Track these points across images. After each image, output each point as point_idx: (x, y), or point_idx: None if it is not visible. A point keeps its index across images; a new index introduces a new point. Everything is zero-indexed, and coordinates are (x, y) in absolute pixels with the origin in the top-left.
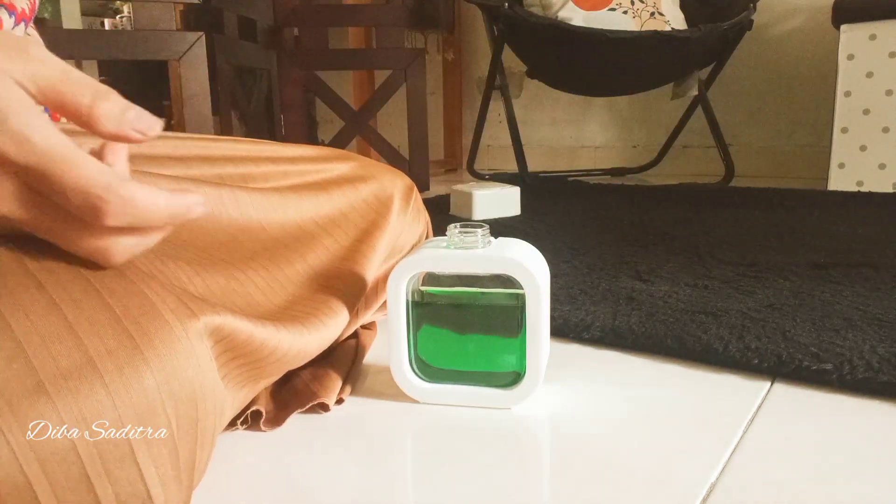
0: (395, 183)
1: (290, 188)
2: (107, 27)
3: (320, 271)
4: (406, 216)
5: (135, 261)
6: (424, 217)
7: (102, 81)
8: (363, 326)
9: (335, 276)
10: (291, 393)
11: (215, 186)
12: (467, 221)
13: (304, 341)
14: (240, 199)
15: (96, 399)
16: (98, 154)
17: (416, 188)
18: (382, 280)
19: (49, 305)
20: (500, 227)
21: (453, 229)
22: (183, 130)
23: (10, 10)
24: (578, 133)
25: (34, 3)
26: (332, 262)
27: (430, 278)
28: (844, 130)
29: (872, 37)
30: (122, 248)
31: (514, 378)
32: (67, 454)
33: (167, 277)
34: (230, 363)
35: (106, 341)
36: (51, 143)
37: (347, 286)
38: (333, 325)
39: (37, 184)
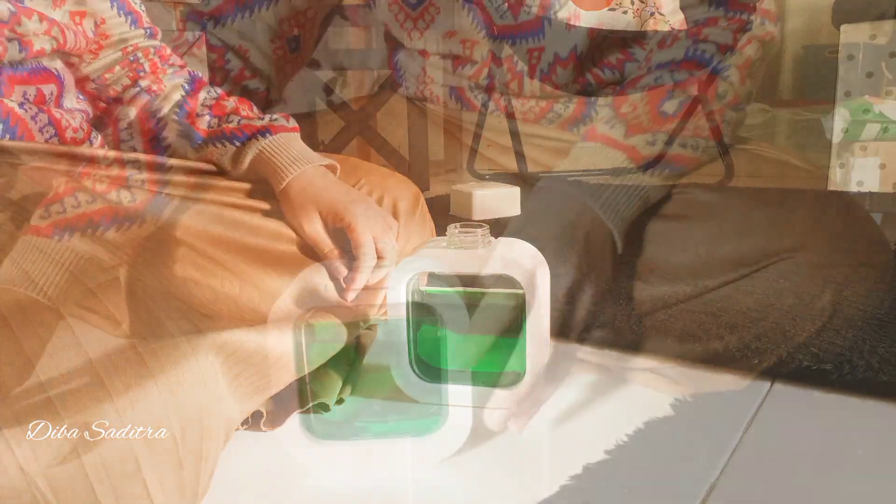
0: (403, 190)
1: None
2: None
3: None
4: (413, 224)
5: (144, 271)
6: (430, 224)
7: None
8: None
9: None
10: (292, 393)
11: (241, 210)
12: (467, 221)
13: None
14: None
15: (103, 416)
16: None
17: (422, 196)
18: None
19: (58, 321)
20: (500, 227)
21: (453, 229)
22: None
23: (24, 45)
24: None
25: (62, 42)
26: None
27: (431, 278)
28: (845, 130)
29: (872, 37)
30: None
31: (514, 378)
32: (76, 472)
33: (176, 287)
34: (240, 376)
35: (113, 357)
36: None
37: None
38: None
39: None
